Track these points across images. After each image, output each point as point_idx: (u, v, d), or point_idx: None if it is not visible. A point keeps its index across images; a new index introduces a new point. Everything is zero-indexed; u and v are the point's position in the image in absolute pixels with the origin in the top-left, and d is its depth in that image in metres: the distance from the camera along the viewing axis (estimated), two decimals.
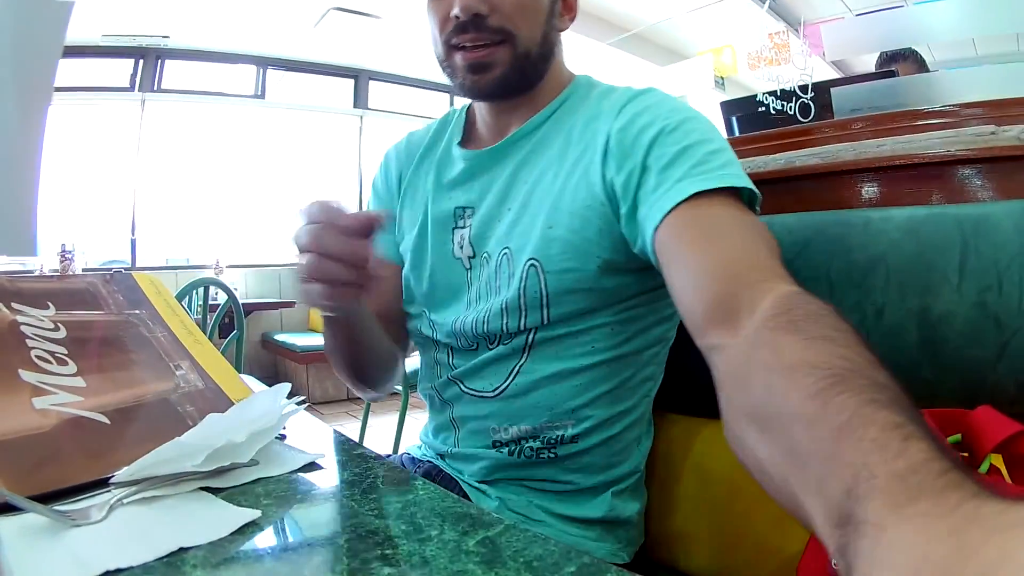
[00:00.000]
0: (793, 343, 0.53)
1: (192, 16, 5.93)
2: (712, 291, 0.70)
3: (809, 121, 2.08)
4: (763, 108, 2.29)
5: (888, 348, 0.87)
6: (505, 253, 0.99)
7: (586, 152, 0.96)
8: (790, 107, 2.18)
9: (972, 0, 3.63)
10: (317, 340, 5.65)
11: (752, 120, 2.34)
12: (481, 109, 1.12)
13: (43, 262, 4.68)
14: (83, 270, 3.99)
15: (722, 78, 7.53)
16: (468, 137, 1.14)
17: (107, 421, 0.68)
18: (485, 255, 1.03)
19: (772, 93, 2.26)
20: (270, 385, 0.86)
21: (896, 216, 0.92)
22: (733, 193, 0.80)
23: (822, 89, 2.06)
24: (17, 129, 0.35)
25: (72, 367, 0.73)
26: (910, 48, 2.95)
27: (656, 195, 0.83)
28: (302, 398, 0.78)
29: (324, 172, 7.59)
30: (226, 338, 3.13)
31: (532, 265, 0.94)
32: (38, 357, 0.70)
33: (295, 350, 5.55)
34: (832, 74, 5.73)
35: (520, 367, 0.98)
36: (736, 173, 0.82)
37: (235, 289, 3.56)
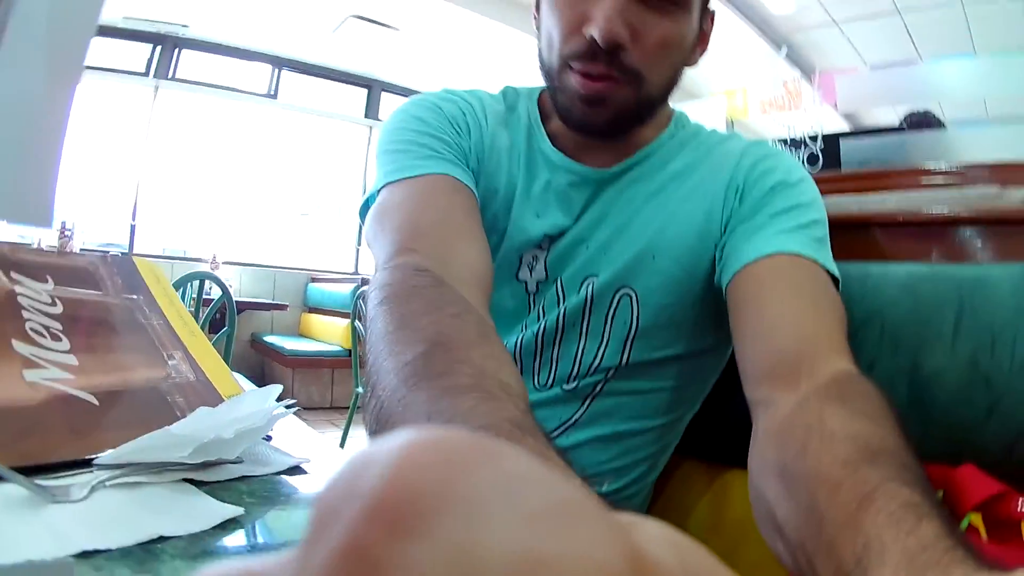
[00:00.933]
0: (838, 413, 0.56)
1: (213, 8, 5.96)
2: (780, 347, 0.71)
3: (816, 171, 2.09)
4: None
5: None
6: (590, 281, 0.93)
7: (704, 186, 0.91)
8: (799, 156, 2.20)
9: (986, 61, 3.67)
10: (306, 345, 5.65)
11: None
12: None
13: (41, 236, 4.66)
14: (81, 249, 3.98)
15: (733, 120, 7.59)
16: (555, 139, 0.98)
17: (96, 402, 0.67)
18: (559, 280, 0.95)
19: (782, 140, 2.28)
20: (256, 385, 0.86)
21: (895, 272, 0.93)
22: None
23: (832, 140, 2.08)
24: (45, 104, 0.35)
25: (65, 344, 0.72)
26: (932, 114, 2.98)
27: (758, 236, 0.82)
28: (292, 401, 0.78)
29: (330, 179, 7.60)
30: (216, 334, 3.12)
31: (626, 294, 0.91)
32: (32, 330, 0.70)
33: (283, 353, 5.54)
34: (843, 124, 5.79)
35: (575, 421, 0.94)
36: (829, 256, 0.82)
37: (229, 286, 3.55)
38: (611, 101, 0.86)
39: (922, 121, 2.86)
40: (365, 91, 7.68)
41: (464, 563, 0.12)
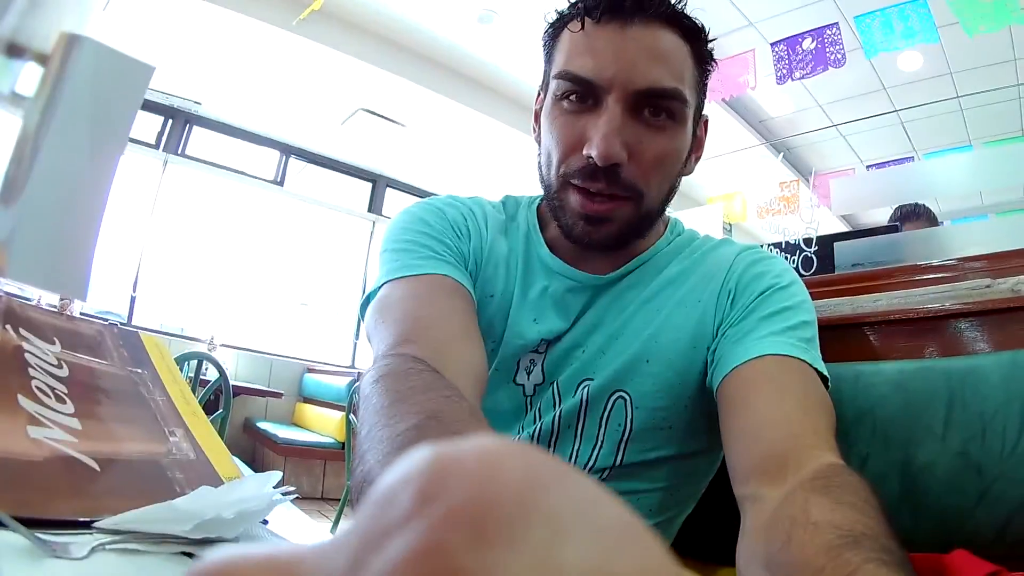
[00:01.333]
0: (821, 503, 0.57)
1: (226, 89, 6.10)
2: (768, 444, 0.72)
3: (811, 274, 2.12)
4: None
5: None
6: (586, 384, 0.94)
7: (697, 292, 0.95)
8: (793, 260, 2.22)
9: (980, 153, 3.74)
10: (299, 435, 5.59)
11: None
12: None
13: (42, 294, 4.65)
14: (81, 314, 3.98)
15: (730, 225, 7.68)
16: (552, 246, 1.02)
17: (97, 467, 0.67)
18: (555, 384, 0.96)
19: (777, 245, 2.31)
20: (249, 470, 0.86)
21: (886, 370, 0.95)
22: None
23: (825, 242, 2.11)
24: (87, 176, 0.37)
25: (70, 407, 0.72)
26: (923, 205, 3.04)
27: (748, 339, 0.84)
28: (291, 488, 0.78)
29: (331, 270, 7.63)
30: (210, 416, 3.10)
31: (621, 397, 0.92)
32: (38, 388, 0.70)
33: (276, 440, 5.48)
34: (841, 224, 5.86)
35: None
36: (818, 356, 0.84)
37: (226, 369, 3.56)
38: (613, 219, 0.89)
39: (912, 212, 2.91)
40: (370, 185, 7.78)
41: (545, 573, 0.13)
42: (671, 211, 1.05)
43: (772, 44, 4.64)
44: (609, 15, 0.87)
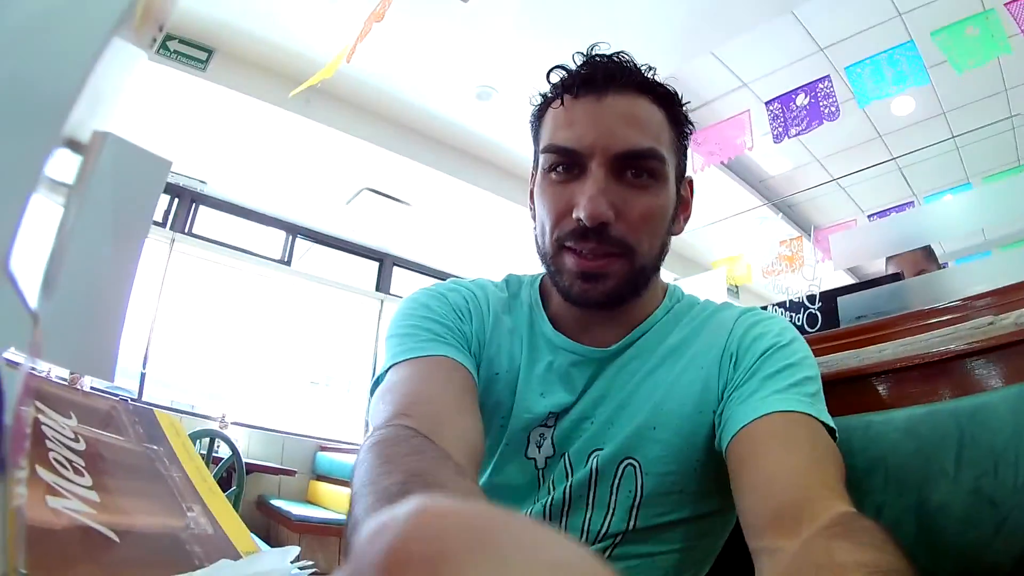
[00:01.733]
0: (845, 547, 0.58)
1: (231, 168, 6.19)
2: (780, 497, 0.73)
3: (816, 331, 2.13)
4: None
5: None
6: (596, 454, 0.96)
7: (699, 358, 0.96)
8: (798, 318, 2.23)
9: (978, 192, 3.75)
10: (313, 512, 5.54)
11: None
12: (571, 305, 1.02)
13: (52, 366, 4.64)
14: (91, 388, 3.97)
15: (736, 287, 7.70)
16: (555, 322, 1.05)
17: (116, 539, 0.68)
18: (566, 455, 0.98)
19: (781, 305, 2.32)
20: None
21: (896, 417, 0.95)
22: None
23: (829, 297, 2.12)
24: (114, 263, 0.39)
25: (88, 479, 0.72)
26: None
27: (753, 399, 0.85)
28: (310, 563, 0.79)
29: (340, 349, 7.63)
30: (223, 493, 3.09)
31: (630, 464, 0.94)
32: (56, 460, 0.70)
33: (290, 518, 5.43)
34: (846, 277, 5.86)
35: None
36: (824, 409, 0.86)
37: (237, 446, 3.55)
38: (607, 275, 0.93)
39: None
40: (377, 264, 7.82)
41: None
42: (678, 276, 1.08)
43: (766, 103, 4.71)
44: (585, 89, 0.94)
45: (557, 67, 0.99)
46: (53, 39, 0.28)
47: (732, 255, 6.59)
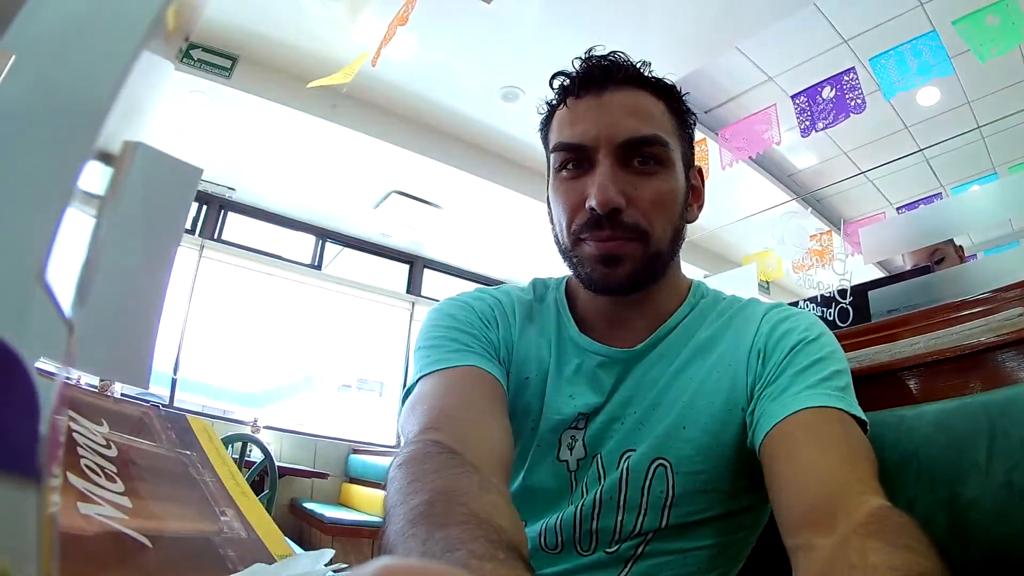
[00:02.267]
0: (878, 548, 0.58)
1: (260, 175, 6.24)
2: (815, 494, 0.74)
3: (848, 325, 2.11)
4: None
5: None
6: (628, 455, 0.96)
7: (727, 355, 0.97)
8: (830, 313, 2.22)
9: (1005, 182, 3.69)
10: (346, 515, 5.57)
11: None
12: (596, 300, 1.05)
13: (81, 374, 4.68)
14: (121, 395, 4.01)
15: (767, 282, 7.65)
16: (583, 325, 1.07)
17: (149, 544, 0.68)
18: (598, 457, 0.99)
19: (812, 300, 2.30)
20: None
21: (927, 411, 0.94)
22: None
23: (860, 292, 2.10)
24: (148, 271, 0.40)
25: (120, 486, 0.72)
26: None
27: (785, 396, 0.86)
28: (344, 565, 0.79)
29: (372, 352, 7.66)
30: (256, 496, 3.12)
31: (661, 465, 0.94)
32: (87, 467, 0.70)
33: (324, 520, 5.46)
34: (877, 271, 5.81)
35: None
36: (854, 402, 0.86)
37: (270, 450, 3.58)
38: (624, 258, 0.95)
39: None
40: (407, 266, 7.84)
41: None
42: (708, 273, 1.09)
43: (793, 96, 4.68)
44: (585, 89, 0.99)
45: (558, 73, 1.04)
46: (85, 50, 0.28)
47: (762, 251, 6.56)
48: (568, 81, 1.02)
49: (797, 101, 4.64)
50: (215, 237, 6.62)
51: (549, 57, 4.82)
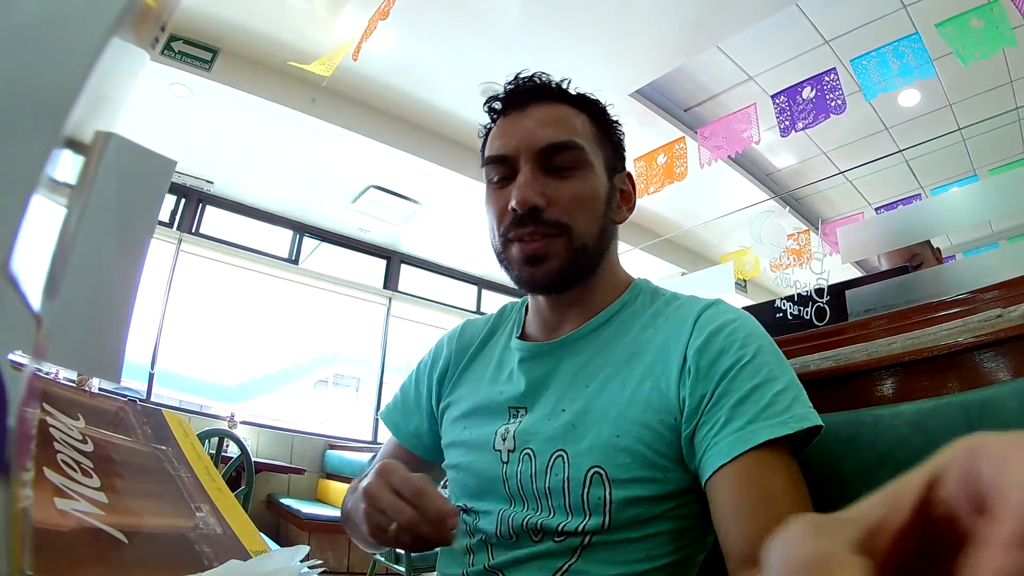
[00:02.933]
0: None
1: (238, 168, 6.21)
2: (744, 542, 0.82)
3: (824, 324, 2.12)
4: (781, 314, 2.34)
5: None
6: (560, 455, 0.97)
7: (658, 365, 0.98)
8: (806, 312, 2.22)
9: (985, 184, 3.72)
10: (322, 510, 5.57)
11: (771, 326, 2.37)
12: (538, 304, 1.14)
13: (59, 368, 4.65)
14: (100, 389, 3.97)
15: (744, 280, 7.69)
16: (525, 332, 1.17)
17: (125, 540, 0.67)
18: (527, 451, 1.01)
19: (789, 298, 2.31)
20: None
21: (905, 411, 0.94)
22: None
23: (837, 291, 2.11)
24: (120, 264, 0.39)
25: (96, 481, 0.72)
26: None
27: (721, 435, 0.88)
28: (319, 562, 0.79)
29: (350, 346, 7.63)
30: (232, 492, 3.10)
31: (597, 473, 0.94)
32: (63, 462, 0.70)
33: (300, 516, 5.45)
34: (855, 270, 5.85)
35: (569, 566, 0.94)
36: (799, 414, 0.88)
37: (247, 444, 3.56)
38: (548, 255, 1.02)
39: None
40: (384, 261, 7.83)
41: None
42: (685, 271, 1.10)
43: (773, 96, 4.70)
44: (510, 107, 1.10)
45: (491, 98, 1.14)
46: (52, 38, 0.28)
47: (739, 249, 6.59)
48: (497, 102, 1.13)
49: (777, 101, 4.66)
50: (193, 231, 6.58)
51: (530, 53, 4.84)
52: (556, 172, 1.04)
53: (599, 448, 0.95)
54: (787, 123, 4.59)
